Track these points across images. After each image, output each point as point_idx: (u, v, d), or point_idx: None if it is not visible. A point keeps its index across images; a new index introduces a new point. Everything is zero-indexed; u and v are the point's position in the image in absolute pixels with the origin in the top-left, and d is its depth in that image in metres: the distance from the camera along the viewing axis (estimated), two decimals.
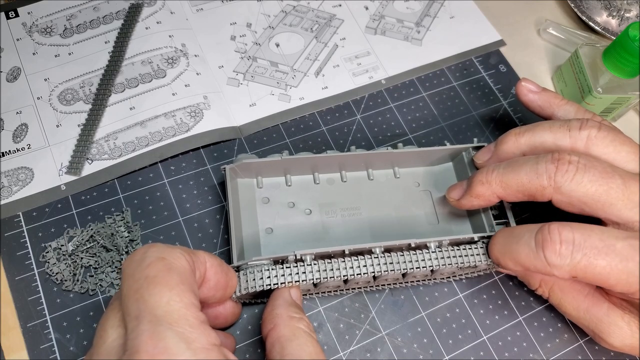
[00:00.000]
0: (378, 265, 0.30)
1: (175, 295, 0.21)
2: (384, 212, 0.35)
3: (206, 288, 0.26)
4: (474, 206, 0.32)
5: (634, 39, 0.36)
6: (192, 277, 0.23)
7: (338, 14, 0.46)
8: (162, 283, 0.21)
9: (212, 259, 0.26)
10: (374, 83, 0.43)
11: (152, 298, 0.21)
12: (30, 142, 0.37)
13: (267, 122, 0.40)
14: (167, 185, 0.37)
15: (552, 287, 0.31)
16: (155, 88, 0.40)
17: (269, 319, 0.27)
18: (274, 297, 0.28)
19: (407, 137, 0.40)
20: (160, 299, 0.21)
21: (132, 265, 0.23)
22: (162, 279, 0.22)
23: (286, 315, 0.27)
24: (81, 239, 0.34)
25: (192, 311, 0.22)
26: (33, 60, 0.40)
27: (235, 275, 0.29)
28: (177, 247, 0.24)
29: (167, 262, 0.23)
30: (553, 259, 0.26)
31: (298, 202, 0.35)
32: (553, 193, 0.28)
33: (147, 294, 0.21)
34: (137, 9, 0.43)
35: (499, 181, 0.30)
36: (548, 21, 0.47)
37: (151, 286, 0.21)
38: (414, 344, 0.33)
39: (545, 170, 0.28)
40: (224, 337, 0.31)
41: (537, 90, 0.35)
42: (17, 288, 0.32)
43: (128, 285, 0.22)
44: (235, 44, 0.43)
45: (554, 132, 0.30)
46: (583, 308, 0.30)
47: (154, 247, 0.23)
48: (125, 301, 0.22)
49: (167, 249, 0.23)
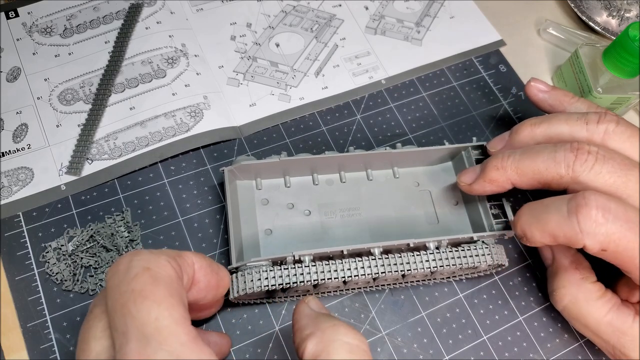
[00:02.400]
0: (376, 267, 0.30)
1: (164, 310, 0.20)
2: (383, 212, 0.35)
3: (196, 290, 0.25)
4: (485, 192, 0.32)
5: (634, 39, 0.36)
6: (180, 285, 0.22)
7: (338, 14, 0.46)
8: (149, 297, 0.20)
9: (201, 260, 0.25)
10: (374, 83, 0.43)
11: (139, 314, 0.20)
12: (30, 142, 0.37)
13: (267, 122, 0.40)
14: (167, 185, 0.37)
15: (576, 296, 0.30)
16: (155, 88, 0.40)
17: (300, 341, 0.23)
18: (295, 315, 0.25)
19: (407, 137, 0.40)
20: (149, 315, 0.20)
21: (117, 276, 0.22)
22: (149, 293, 0.20)
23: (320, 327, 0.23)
24: (81, 239, 0.34)
25: (183, 327, 0.20)
26: (33, 60, 0.40)
27: (228, 274, 0.28)
28: (163, 252, 0.23)
29: (153, 273, 0.21)
30: (587, 226, 0.25)
31: (297, 203, 0.35)
32: (570, 182, 0.28)
33: (135, 309, 0.20)
34: (137, 9, 0.43)
35: (515, 167, 0.29)
36: (548, 21, 0.47)
37: (138, 300, 0.20)
38: (414, 344, 0.33)
39: (564, 159, 0.28)
40: (218, 337, 0.30)
41: (547, 89, 0.35)
42: (17, 288, 0.32)
43: (114, 299, 0.21)
44: (235, 44, 0.43)
45: (571, 125, 0.30)
46: (606, 320, 0.29)
47: (139, 256, 0.22)
48: (112, 314, 0.21)
49: (153, 257, 0.22)
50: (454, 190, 0.37)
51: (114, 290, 0.21)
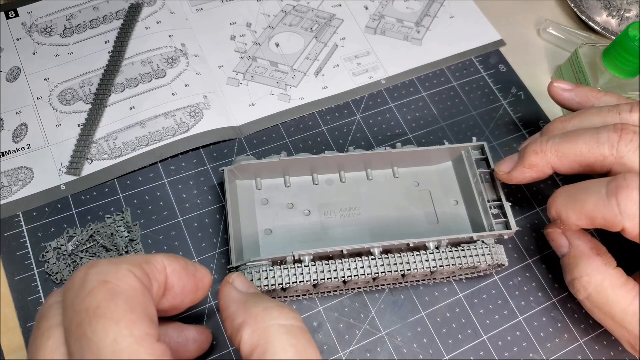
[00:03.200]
0: (376, 267, 0.30)
1: (124, 329, 0.18)
2: (383, 212, 0.35)
3: (171, 296, 0.23)
4: (525, 179, 0.31)
5: (634, 39, 0.36)
6: (145, 297, 0.20)
7: (338, 14, 0.46)
8: (106, 315, 0.18)
9: (174, 263, 0.23)
10: (374, 83, 0.43)
11: (95, 336, 0.18)
12: (30, 142, 0.37)
13: (267, 122, 0.40)
14: (167, 185, 0.37)
15: (602, 284, 0.29)
16: (155, 88, 0.40)
17: (234, 332, 0.22)
18: (221, 301, 0.24)
19: (407, 137, 0.40)
20: (106, 337, 0.18)
21: (71, 292, 0.19)
22: (106, 310, 0.18)
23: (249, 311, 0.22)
24: (81, 239, 0.34)
25: (146, 346, 0.18)
26: (33, 60, 0.40)
27: (208, 274, 0.25)
28: (125, 260, 0.21)
29: (111, 287, 0.19)
30: (628, 207, 0.24)
31: (297, 203, 0.35)
32: (614, 163, 0.27)
33: (90, 330, 0.18)
34: (137, 9, 0.43)
35: (555, 150, 0.29)
36: (548, 21, 0.47)
37: (94, 320, 0.18)
38: (414, 344, 0.33)
39: (608, 139, 0.27)
40: (197, 333, 0.29)
41: (571, 87, 0.34)
42: (17, 288, 0.32)
43: (69, 319, 0.19)
44: (235, 44, 0.43)
45: (603, 116, 0.30)
46: (632, 310, 0.28)
47: (95, 268, 0.20)
48: (67, 336, 0.19)
49: (111, 269, 0.20)
50: (454, 190, 0.37)
51: (68, 309, 0.19)
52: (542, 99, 0.43)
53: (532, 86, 0.44)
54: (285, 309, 0.22)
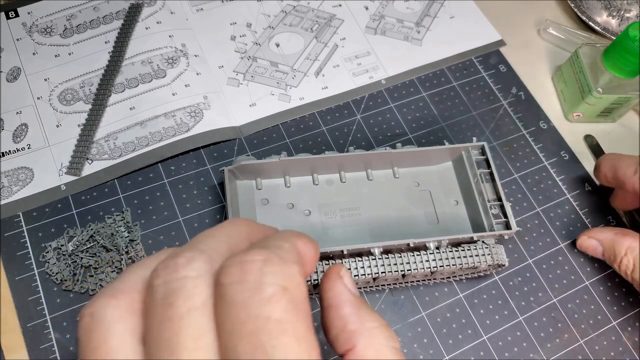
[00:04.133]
0: (376, 267, 0.30)
1: (304, 351, 0.16)
2: (383, 212, 0.35)
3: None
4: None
5: (634, 39, 0.36)
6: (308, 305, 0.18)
7: (338, 14, 0.46)
8: (288, 332, 0.16)
9: (311, 249, 0.20)
10: (374, 83, 0.43)
11: (276, 352, 0.16)
12: (30, 142, 0.37)
13: (267, 122, 0.40)
14: (167, 185, 0.37)
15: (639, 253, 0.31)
16: (155, 88, 0.40)
17: (343, 335, 0.20)
18: (332, 296, 0.22)
19: (407, 137, 0.40)
20: (286, 355, 0.16)
21: (245, 289, 0.16)
22: (289, 326, 0.16)
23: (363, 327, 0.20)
24: (81, 239, 0.34)
25: None
26: (33, 60, 0.40)
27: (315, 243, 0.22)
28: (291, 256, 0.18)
29: (292, 296, 0.17)
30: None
31: (297, 203, 0.35)
32: None
33: (270, 345, 0.16)
34: (137, 9, 0.43)
35: None
36: (548, 21, 0.47)
37: (275, 336, 0.16)
38: (414, 344, 0.33)
39: None
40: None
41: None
42: (17, 288, 0.32)
43: (236, 317, 0.16)
44: (235, 44, 0.43)
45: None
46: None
47: (271, 266, 0.17)
48: (228, 335, 0.16)
49: (286, 270, 0.17)
50: (454, 190, 0.37)
51: (238, 307, 0.16)
52: (542, 99, 0.43)
53: (532, 86, 0.44)
54: (392, 331, 0.21)
